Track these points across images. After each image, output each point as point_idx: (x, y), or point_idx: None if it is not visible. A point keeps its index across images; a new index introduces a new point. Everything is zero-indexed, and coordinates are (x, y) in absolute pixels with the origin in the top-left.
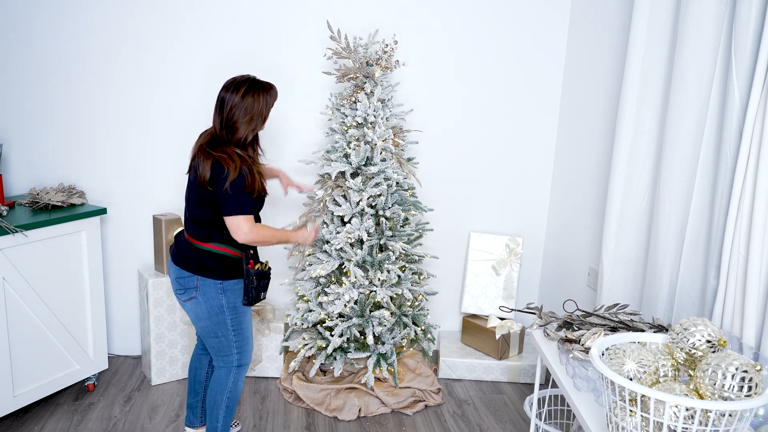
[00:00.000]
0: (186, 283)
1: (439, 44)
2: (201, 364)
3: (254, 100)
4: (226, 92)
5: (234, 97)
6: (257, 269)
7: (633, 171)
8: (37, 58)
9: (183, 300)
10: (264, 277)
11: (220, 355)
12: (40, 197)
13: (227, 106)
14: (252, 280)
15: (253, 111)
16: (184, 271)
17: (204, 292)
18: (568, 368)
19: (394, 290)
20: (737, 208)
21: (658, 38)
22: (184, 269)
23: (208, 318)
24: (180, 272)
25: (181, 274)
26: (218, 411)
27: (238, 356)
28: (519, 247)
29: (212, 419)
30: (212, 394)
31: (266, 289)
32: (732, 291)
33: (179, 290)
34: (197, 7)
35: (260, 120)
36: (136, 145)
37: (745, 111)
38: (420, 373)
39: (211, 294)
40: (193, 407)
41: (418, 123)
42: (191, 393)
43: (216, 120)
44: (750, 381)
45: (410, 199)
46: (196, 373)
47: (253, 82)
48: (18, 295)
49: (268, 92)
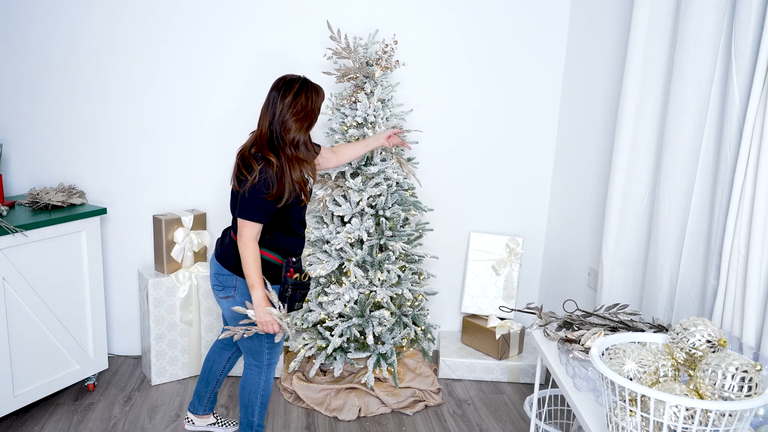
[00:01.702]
0: (225, 281)
1: (439, 44)
2: (221, 357)
3: (307, 99)
4: (277, 92)
5: (287, 95)
6: (295, 279)
7: (633, 171)
8: (37, 58)
9: (220, 297)
10: (301, 288)
11: (252, 354)
12: (40, 197)
13: (279, 104)
14: (287, 289)
15: (306, 109)
16: (224, 268)
17: (242, 293)
18: (568, 368)
19: (394, 290)
20: (737, 208)
21: (658, 38)
22: (225, 267)
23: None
24: (220, 269)
25: (221, 271)
26: (253, 408)
27: (269, 355)
28: (519, 247)
29: (248, 415)
30: (245, 393)
31: (303, 300)
32: (732, 291)
33: (217, 286)
34: (196, 8)
35: (311, 119)
36: (136, 145)
37: (745, 111)
38: (420, 373)
39: (249, 295)
40: (201, 396)
41: (418, 123)
42: (203, 382)
43: (264, 120)
44: (750, 381)
45: (410, 199)
46: (213, 366)
47: (304, 81)
48: (18, 295)
49: (318, 93)
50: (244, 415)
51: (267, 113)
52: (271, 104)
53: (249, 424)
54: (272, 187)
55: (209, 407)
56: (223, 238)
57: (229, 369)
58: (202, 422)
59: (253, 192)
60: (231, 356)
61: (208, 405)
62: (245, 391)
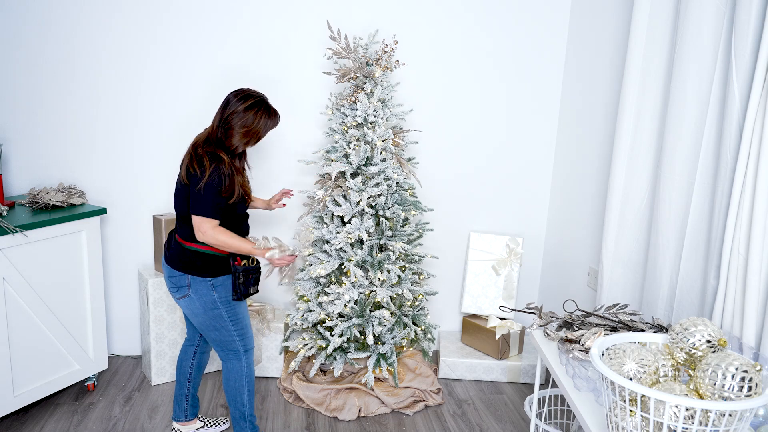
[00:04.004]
0: (177, 281)
1: (439, 44)
2: (187, 355)
3: (255, 117)
4: (234, 98)
5: (239, 105)
6: (244, 265)
7: (633, 171)
8: (38, 58)
9: (177, 298)
10: (252, 272)
11: (224, 346)
12: (40, 197)
13: (229, 110)
14: (239, 276)
15: (251, 126)
16: (174, 270)
17: (195, 290)
18: (568, 368)
19: (394, 290)
20: (737, 208)
21: (658, 38)
22: (174, 268)
23: (203, 313)
24: (171, 271)
25: (172, 273)
26: (242, 397)
27: (242, 343)
28: (519, 247)
29: (238, 406)
30: (230, 385)
31: (257, 283)
32: (732, 291)
33: (172, 288)
34: (199, 9)
35: (254, 136)
36: (137, 145)
37: (745, 111)
38: (420, 373)
39: (203, 291)
40: (179, 400)
41: (418, 123)
42: (177, 384)
43: (216, 118)
44: (750, 381)
45: (410, 199)
46: (182, 364)
47: (260, 101)
48: (18, 295)
49: (270, 117)
50: (235, 408)
51: (219, 113)
52: (224, 106)
53: (241, 415)
54: (224, 182)
55: (191, 412)
56: (169, 242)
57: (198, 367)
58: (188, 428)
59: (208, 189)
60: (196, 352)
61: (188, 410)
62: (229, 383)
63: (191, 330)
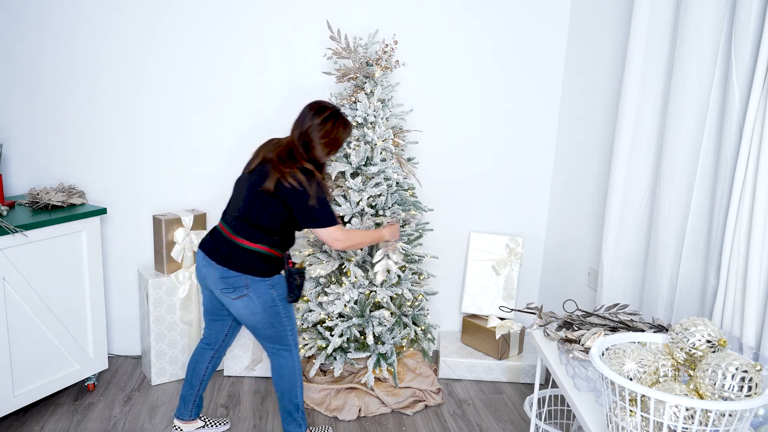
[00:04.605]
0: (234, 282)
1: (439, 44)
2: (203, 357)
3: (333, 128)
4: (309, 111)
5: (315, 119)
6: (296, 268)
7: (633, 171)
8: (38, 58)
9: (232, 298)
10: (301, 274)
11: (278, 342)
12: (40, 197)
13: (307, 124)
14: (296, 278)
15: (330, 136)
16: (230, 270)
17: (255, 289)
18: (568, 368)
19: (394, 290)
20: (737, 208)
21: (658, 38)
22: (233, 269)
23: (263, 312)
24: (226, 272)
25: (228, 274)
26: (296, 389)
27: (292, 338)
28: (519, 247)
29: (292, 398)
30: (285, 379)
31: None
32: (732, 291)
33: (226, 289)
34: (199, 9)
35: (335, 146)
36: (137, 145)
37: (745, 111)
38: (420, 373)
39: (262, 290)
40: (186, 400)
41: (418, 123)
42: (187, 384)
43: (294, 131)
44: (750, 381)
45: (410, 199)
46: (196, 366)
47: (336, 112)
48: (18, 295)
49: (346, 127)
50: (288, 401)
51: (297, 127)
52: (301, 120)
53: (295, 407)
54: (326, 189)
55: (195, 412)
56: (217, 241)
57: (212, 370)
58: (190, 427)
59: (321, 202)
60: (213, 356)
61: (194, 409)
62: (284, 378)
63: (214, 333)
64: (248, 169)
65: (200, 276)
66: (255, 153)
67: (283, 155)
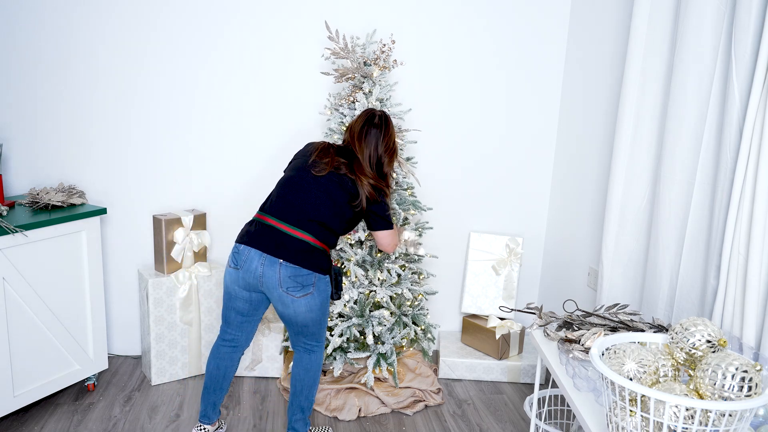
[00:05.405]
0: (304, 280)
1: (437, 43)
2: (233, 361)
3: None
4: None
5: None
6: (338, 266)
7: (633, 171)
8: (38, 58)
9: (297, 296)
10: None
11: (317, 338)
12: (40, 197)
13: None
14: (340, 277)
15: (395, 147)
16: (303, 269)
17: (318, 287)
18: (568, 368)
19: (394, 290)
20: (737, 208)
21: (658, 38)
22: (304, 267)
23: (319, 308)
24: (298, 270)
25: (300, 272)
26: (313, 389)
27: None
28: (519, 247)
29: (310, 396)
30: (310, 375)
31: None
32: (732, 291)
33: (293, 288)
34: (195, 7)
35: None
36: (136, 145)
37: (745, 111)
38: (420, 373)
39: (323, 287)
40: (216, 404)
41: (417, 122)
42: (217, 390)
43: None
44: (750, 381)
45: (409, 198)
46: (227, 372)
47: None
48: (18, 295)
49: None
50: (306, 397)
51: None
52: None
53: (309, 405)
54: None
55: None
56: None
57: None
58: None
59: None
60: (240, 357)
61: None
62: (310, 374)
63: (244, 335)
64: (315, 171)
65: (253, 276)
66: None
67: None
